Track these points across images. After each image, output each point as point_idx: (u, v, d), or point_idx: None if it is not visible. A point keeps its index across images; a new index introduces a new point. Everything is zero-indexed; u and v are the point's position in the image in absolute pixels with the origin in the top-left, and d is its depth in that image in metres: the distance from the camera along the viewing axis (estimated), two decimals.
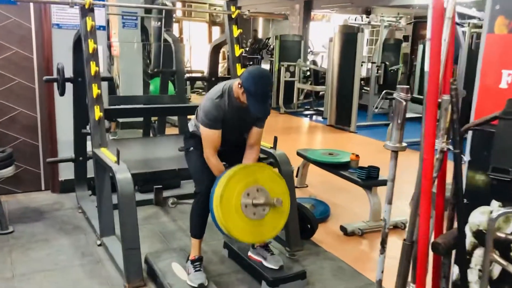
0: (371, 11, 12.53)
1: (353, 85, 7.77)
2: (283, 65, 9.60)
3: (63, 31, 3.89)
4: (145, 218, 3.64)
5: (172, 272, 2.61)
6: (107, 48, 5.39)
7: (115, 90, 6.30)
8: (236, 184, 2.38)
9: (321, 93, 10.01)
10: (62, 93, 3.47)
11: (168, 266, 2.68)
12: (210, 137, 2.47)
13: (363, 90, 9.21)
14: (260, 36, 15.03)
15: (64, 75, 3.42)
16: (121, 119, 6.02)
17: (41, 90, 4.01)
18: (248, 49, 13.42)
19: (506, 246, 1.62)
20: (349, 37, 7.89)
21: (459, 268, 1.42)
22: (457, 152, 1.43)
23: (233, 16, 3.61)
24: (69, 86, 3.52)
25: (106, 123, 3.18)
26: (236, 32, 3.60)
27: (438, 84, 1.47)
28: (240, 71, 3.54)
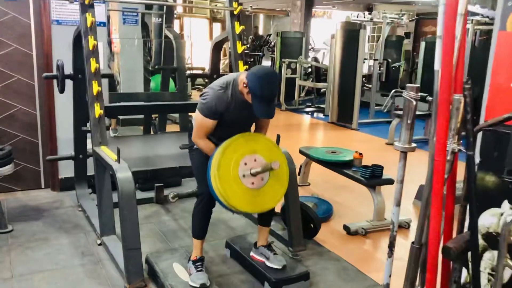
0: (372, 8, 12.46)
1: (355, 82, 7.72)
2: (284, 62, 9.54)
3: (62, 27, 3.85)
4: (145, 217, 3.60)
5: (173, 273, 2.58)
6: (107, 45, 5.34)
7: (115, 87, 6.26)
8: (232, 154, 2.34)
9: (322, 90, 9.95)
10: (62, 90, 3.43)
11: (169, 266, 2.64)
12: (204, 124, 2.42)
13: (364, 87, 9.16)
14: (261, 32, 14.94)
15: (64, 72, 3.38)
16: (121, 116, 5.97)
17: (40, 87, 3.96)
18: (249, 45, 13.33)
19: None
20: (351, 34, 7.82)
21: (472, 275, 1.38)
22: (471, 154, 1.38)
23: (235, 13, 3.55)
24: (69, 83, 3.48)
25: (106, 121, 3.13)
26: (238, 28, 3.54)
27: (450, 83, 1.43)
28: (242, 68, 3.48)
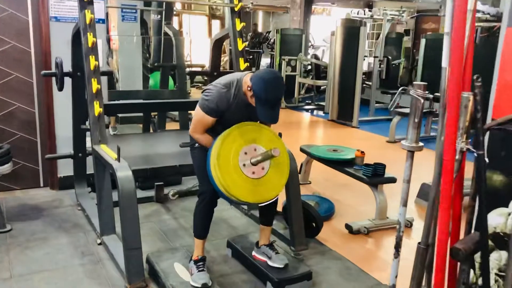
0: (372, 5, 12.42)
1: (355, 79, 7.68)
2: (284, 59, 9.50)
3: (61, 24, 3.80)
4: (145, 216, 3.57)
5: (175, 273, 2.55)
6: (106, 42, 5.30)
7: (114, 84, 6.23)
8: (232, 143, 2.30)
9: (322, 88, 9.92)
10: (61, 88, 3.39)
11: (170, 266, 2.61)
12: (203, 121, 2.39)
13: (364, 85, 9.13)
14: (260, 30, 14.89)
15: (62, 70, 3.34)
16: (120, 114, 5.94)
17: (39, 85, 3.92)
18: (248, 43, 13.29)
19: None
20: (351, 31, 7.78)
21: (482, 278, 1.35)
22: (481, 154, 1.35)
23: (236, 9, 3.51)
24: (67, 81, 3.43)
25: (105, 119, 3.10)
26: (239, 25, 3.50)
27: (460, 81, 1.39)
28: (243, 65, 3.45)
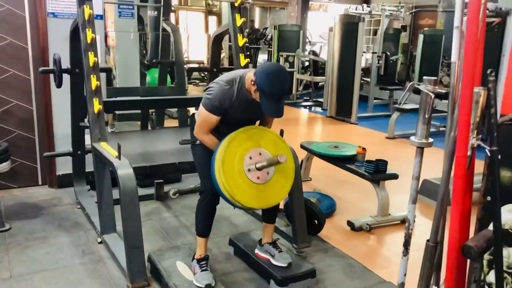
0: (369, 1, 12.39)
1: (354, 75, 7.66)
2: (282, 56, 9.46)
3: (59, 20, 3.75)
4: (146, 213, 3.53)
5: (177, 272, 2.52)
6: (103, 38, 5.25)
7: (111, 81, 6.19)
8: (237, 148, 2.27)
9: (320, 84, 9.89)
10: (59, 85, 3.34)
11: (173, 265, 2.58)
12: (207, 120, 2.35)
13: (362, 81, 9.10)
14: (257, 26, 14.82)
15: (61, 66, 3.29)
16: (118, 111, 5.90)
17: (36, 82, 3.87)
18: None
19: None
20: (350, 27, 7.74)
21: (496, 275, 1.33)
22: (494, 150, 1.33)
23: (236, 4, 3.48)
24: (66, 78, 3.38)
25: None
26: (239, 21, 3.47)
27: (473, 76, 1.37)
28: (243, 61, 3.41)
